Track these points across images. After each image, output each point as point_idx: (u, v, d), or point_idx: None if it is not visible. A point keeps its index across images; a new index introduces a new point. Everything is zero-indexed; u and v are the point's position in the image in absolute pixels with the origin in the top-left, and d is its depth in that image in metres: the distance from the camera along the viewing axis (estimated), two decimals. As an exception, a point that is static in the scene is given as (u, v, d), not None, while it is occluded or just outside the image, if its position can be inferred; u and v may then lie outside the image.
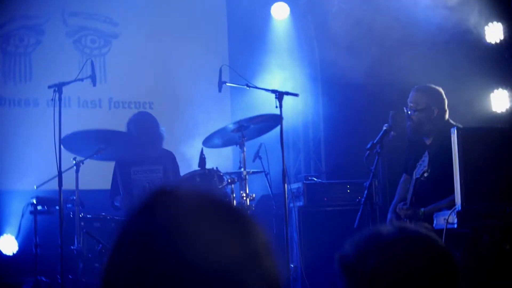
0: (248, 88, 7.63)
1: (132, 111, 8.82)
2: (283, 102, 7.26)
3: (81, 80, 7.35)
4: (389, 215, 6.65)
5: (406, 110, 6.55)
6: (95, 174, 8.07)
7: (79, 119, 8.82)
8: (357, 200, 6.40)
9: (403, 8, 8.35)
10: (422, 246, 2.14)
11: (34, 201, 7.40)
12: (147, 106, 9.60)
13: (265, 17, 10.15)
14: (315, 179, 8.83)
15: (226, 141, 7.56)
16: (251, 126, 7.36)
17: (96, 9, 9.69)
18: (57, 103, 6.95)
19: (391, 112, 6.52)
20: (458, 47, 8.20)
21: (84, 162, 7.20)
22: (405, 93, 6.79)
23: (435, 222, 5.65)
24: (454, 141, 5.27)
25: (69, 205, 7.25)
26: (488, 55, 8.34)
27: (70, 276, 7.02)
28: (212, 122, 8.73)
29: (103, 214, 7.42)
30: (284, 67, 9.79)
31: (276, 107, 7.22)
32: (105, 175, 8.11)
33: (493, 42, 8.43)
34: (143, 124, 7.97)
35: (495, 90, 8.45)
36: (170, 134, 8.26)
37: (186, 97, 9.54)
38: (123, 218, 1.48)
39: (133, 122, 7.99)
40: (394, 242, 2.14)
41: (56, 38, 9.49)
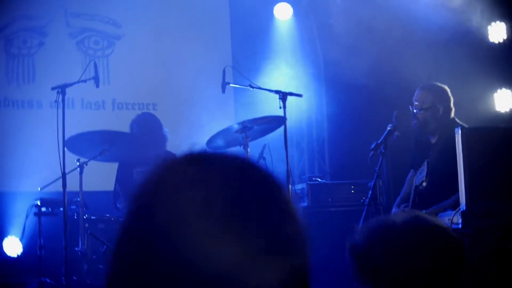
0: (251, 88, 7.63)
1: (135, 112, 8.82)
2: (287, 103, 7.27)
3: (84, 81, 7.35)
4: (394, 210, 6.65)
5: (411, 109, 6.54)
6: (99, 176, 8.07)
7: (83, 121, 8.82)
8: (362, 200, 6.40)
9: (406, 8, 8.35)
10: (435, 236, 2.14)
11: (38, 203, 7.39)
12: (150, 107, 9.59)
13: (268, 18, 10.15)
14: (319, 179, 8.82)
15: (230, 142, 7.54)
16: (254, 127, 7.35)
17: (99, 10, 9.68)
18: (60, 104, 6.96)
19: (395, 112, 6.52)
20: (461, 46, 8.20)
21: (88, 163, 7.20)
22: (409, 93, 6.79)
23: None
24: (458, 141, 5.26)
25: (73, 207, 7.24)
26: (491, 55, 8.34)
27: (74, 277, 7.02)
28: (216, 123, 8.72)
29: (107, 215, 7.41)
30: (288, 67, 9.78)
31: (280, 107, 7.23)
32: (109, 177, 8.10)
33: (497, 41, 8.44)
34: (146, 124, 7.96)
35: (499, 90, 8.45)
36: (173, 135, 8.25)
37: (189, 98, 9.53)
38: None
39: (136, 122, 7.98)
40: (408, 231, 2.14)
41: (59, 39, 9.49)
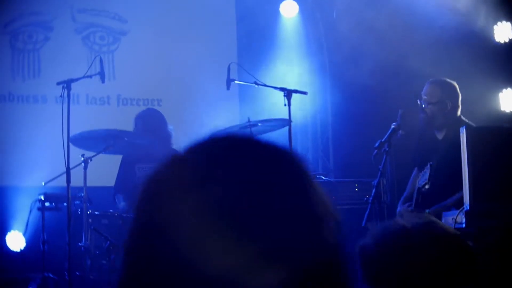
0: (256, 86, 7.63)
1: (140, 108, 8.83)
2: (292, 100, 7.27)
3: (90, 77, 7.36)
4: (399, 207, 6.65)
5: (419, 103, 6.54)
6: (103, 171, 8.06)
7: (88, 116, 8.83)
8: (365, 199, 6.40)
9: (411, 7, 8.34)
10: (447, 244, 2.14)
11: (42, 198, 7.40)
12: (155, 103, 9.59)
13: (273, 15, 10.13)
14: (323, 177, 8.80)
15: None
16: (259, 124, 7.38)
17: (105, 5, 9.68)
18: (65, 99, 6.96)
19: (399, 110, 6.52)
20: (466, 46, 8.19)
21: (93, 159, 7.21)
22: (414, 92, 6.78)
23: (443, 222, 5.64)
24: (463, 140, 5.25)
25: (77, 202, 7.25)
26: (496, 55, 8.33)
27: (77, 273, 7.02)
28: (220, 119, 8.73)
29: (111, 211, 7.42)
30: (293, 65, 9.77)
31: (285, 105, 7.23)
32: (113, 172, 8.11)
33: (502, 41, 8.43)
34: (151, 120, 7.97)
35: (504, 90, 8.44)
36: (178, 131, 8.25)
37: (194, 95, 9.52)
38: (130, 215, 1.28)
39: (141, 118, 7.99)
40: (419, 237, 2.13)
41: (64, 34, 9.49)
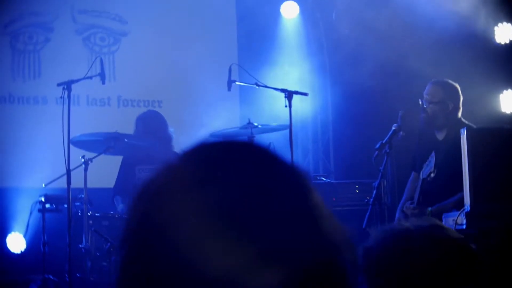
0: (257, 87, 7.63)
1: (141, 110, 8.83)
2: (293, 101, 7.27)
3: (90, 78, 7.36)
4: (397, 214, 6.65)
5: (421, 102, 6.55)
6: (104, 172, 8.05)
7: (88, 117, 8.84)
8: (366, 200, 6.40)
9: (411, 8, 8.34)
10: (450, 249, 2.13)
11: (43, 199, 7.39)
12: (156, 105, 9.58)
13: (274, 16, 10.13)
14: (323, 179, 8.80)
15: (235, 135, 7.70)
16: (259, 126, 7.40)
17: (106, 6, 9.67)
18: (66, 101, 6.97)
19: (400, 112, 6.52)
20: (467, 47, 8.18)
21: (93, 160, 7.21)
22: (414, 93, 6.80)
23: (443, 223, 5.63)
24: (464, 141, 5.25)
25: (78, 203, 7.25)
26: (497, 56, 8.33)
27: (78, 274, 7.02)
28: (221, 120, 8.72)
29: (112, 212, 7.42)
30: (294, 66, 9.76)
31: (286, 106, 7.23)
32: (114, 174, 8.10)
33: (503, 42, 8.42)
34: (151, 122, 7.97)
35: (504, 91, 8.44)
36: (178, 132, 8.24)
37: (195, 96, 9.52)
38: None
39: (142, 119, 7.99)
40: (423, 241, 2.12)
41: (65, 35, 9.49)
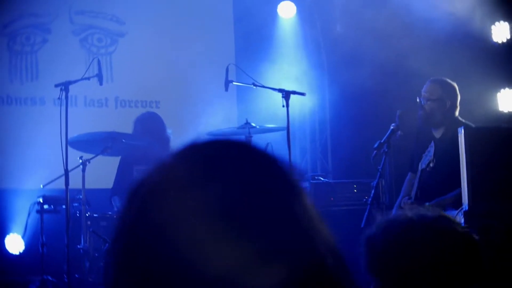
0: (254, 87, 7.63)
1: (138, 110, 8.83)
2: (290, 101, 7.27)
3: (88, 79, 7.35)
4: (394, 211, 6.65)
5: (419, 100, 6.57)
6: (102, 173, 8.06)
7: (86, 118, 8.83)
8: (364, 200, 6.41)
9: (409, 8, 8.34)
10: (454, 241, 2.13)
11: (41, 200, 7.39)
12: (153, 105, 9.58)
13: (271, 16, 10.13)
14: (321, 178, 8.80)
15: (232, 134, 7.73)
16: (257, 127, 7.40)
17: (103, 7, 9.67)
18: (63, 102, 6.96)
19: (398, 111, 6.53)
20: (464, 46, 8.19)
21: (91, 161, 7.21)
22: (412, 92, 6.81)
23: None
24: (461, 140, 5.26)
25: (76, 204, 7.26)
26: (494, 55, 8.34)
27: (76, 275, 7.03)
28: (219, 121, 8.73)
29: (110, 213, 7.41)
30: (291, 66, 9.76)
31: (283, 106, 7.23)
32: (112, 174, 8.10)
33: (500, 41, 8.43)
34: (150, 123, 7.97)
35: (502, 90, 8.45)
36: (176, 132, 8.24)
37: (192, 96, 9.52)
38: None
39: (140, 121, 7.99)
40: (427, 232, 2.13)
41: (62, 36, 9.48)
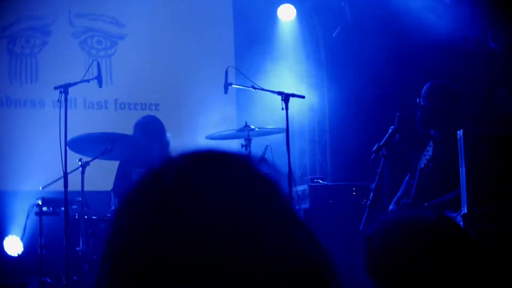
0: (254, 90, 7.63)
1: (138, 113, 8.83)
2: (289, 104, 7.27)
3: (87, 81, 7.36)
4: (391, 206, 6.64)
5: (418, 101, 6.56)
6: (101, 175, 8.06)
7: (85, 120, 8.84)
8: (363, 202, 6.41)
9: (407, 11, 8.35)
10: (455, 242, 2.13)
11: (40, 202, 7.39)
12: (153, 108, 9.59)
13: (271, 19, 10.14)
14: (320, 181, 8.80)
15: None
16: (256, 129, 7.41)
17: (103, 10, 9.68)
18: (63, 104, 6.96)
19: (397, 114, 6.52)
20: (462, 50, 8.19)
21: (90, 163, 7.21)
22: (411, 95, 6.80)
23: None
24: (460, 143, 5.26)
25: (75, 206, 7.26)
26: (492, 58, 8.33)
27: (75, 277, 7.03)
28: (218, 123, 8.73)
29: (109, 215, 7.41)
30: (291, 68, 9.77)
31: (282, 109, 7.23)
32: (111, 177, 8.10)
33: (498, 44, 8.42)
34: (150, 127, 7.96)
35: (500, 93, 8.44)
36: (175, 135, 8.24)
37: (192, 99, 9.53)
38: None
39: (140, 125, 7.99)
40: (429, 233, 2.13)
41: (62, 39, 9.50)
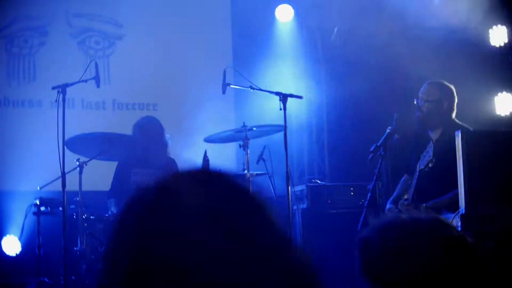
0: (252, 90, 7.63)
1: (136, 113, 8.83)
2: (287, 104, 7.28)
3: (85, 81, 7.36)
4: (388, 205, 6.64)
5: (416, 101, 6.58)
6: (99, 175, 8.06)
7: (83, 121, 8.83)
8: (361, 202, 6.42)
9: (408, 10, 8.35)
10: (451, 245, 2.13)
11: (38, 202, 7.39)
12: (151, 108, 9.58)
13: (269, 19, 10.14)
14: (318, 181, 8.81)
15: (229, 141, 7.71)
16: (254, 128, 7.40)
17: (101, 10, 9.67)
18: (61, 104, 6.96)
19: (395, 114, 6.53)
20: (462, 50, 8.19)
21: (88, 163, 7.21)
22: (409, 96, 6.81)
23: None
24: (458, 144, 5.26)
25: (73, 206, 7.26)
26: (492, 58, 8.34)
27: (73, 277, 7.03)
28: (216, 123, 8.72)
29: (106, 215, 7.41)
30: (288, 69, 9.77)
31: (280, 109, 7.24)
32: (109, 176, 8.09)
33: (498, 45, 8.43)
34: (149, 128, 7.96)
35: (499, 94, 8.45)
36: (173, 135, 8.24)
37: (190, 99, 9.52)
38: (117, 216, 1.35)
39: (139, 126, 7.98)
40: (423, 234, 2.13)
41: (60, 39, 9.48)
